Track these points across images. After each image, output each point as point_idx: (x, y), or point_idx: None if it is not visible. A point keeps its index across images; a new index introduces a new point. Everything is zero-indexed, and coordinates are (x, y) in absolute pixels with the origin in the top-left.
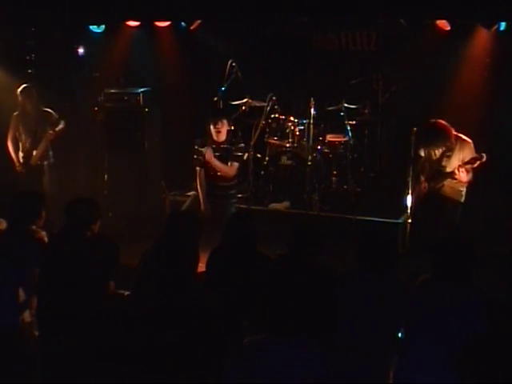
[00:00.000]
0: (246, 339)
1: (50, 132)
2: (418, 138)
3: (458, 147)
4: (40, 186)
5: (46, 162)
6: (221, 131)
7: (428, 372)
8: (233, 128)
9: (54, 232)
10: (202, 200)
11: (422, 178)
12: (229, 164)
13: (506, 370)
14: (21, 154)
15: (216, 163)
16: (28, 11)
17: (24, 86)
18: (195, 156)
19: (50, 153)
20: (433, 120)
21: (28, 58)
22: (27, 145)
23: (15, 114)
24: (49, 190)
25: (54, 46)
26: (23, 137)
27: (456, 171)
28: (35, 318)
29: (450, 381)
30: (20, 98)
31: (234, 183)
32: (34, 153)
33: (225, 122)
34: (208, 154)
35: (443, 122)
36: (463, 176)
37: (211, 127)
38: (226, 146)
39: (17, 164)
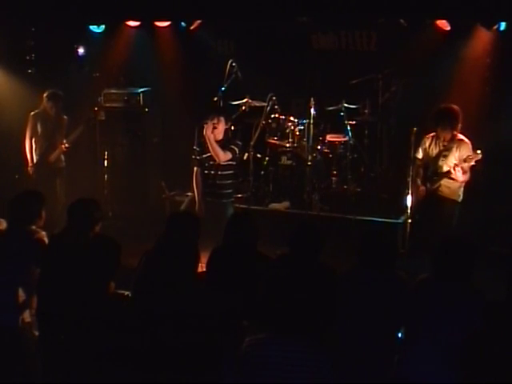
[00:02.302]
0: (247, 338)
1: (66, 145)
2: (431, 119)
3: (455, 147)
4: (53, 189)
5: (59, 166)
6: (217, 127)
7: (428, 371)
8: (233, 128)
9: (55, 232)
10: (197, 200)
11: (419, 182)
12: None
13: (506, 369)
14: (35, 156)
15: (211, 140)
16: (28, 11)
17: (53, 90)
18: (193, 156)
19: (62, 157)
20: (448, 104)
21: (28, 58)
22: (44, 147)
23: (33, 113)
24: (62, 192)
25: (54, 46)
26: (40, 139)
27: (452, 170)
28: (35, 317)
29: (450, 380)
30: (44, 101)
31: (229, 182)
32: (50, 157)
33: (222, 119)
34: (208, 127)
35: (457, 108)
36: (459, 175)
37: (208, 123)
38: (222, 143)
39: (29, 164)
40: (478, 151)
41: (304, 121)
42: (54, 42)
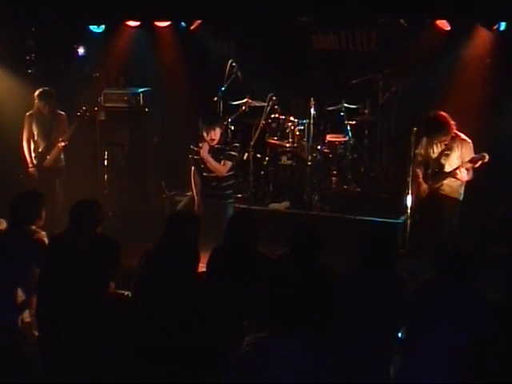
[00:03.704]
0: (247, 337)
1: (62, 144)
2: (420, 129)
3: (456, 146)
4: (52, 189)
5: (59, 166)
6: (215, 138)
7: (430, 372)
8: (233, 128)
9: (56, 232)
10: (196, 199)
11: (421, 180)
12: (222, 163)
13: (507, 369)
14: (33, 156)
15: (209, 159)
16: (28, 11)
17: (43, 89)
18: (190, 156)
19: (62, 156)
20: (433, 112)
21: (28, 58)
22: (41, 147)
23: (28, 114)
24: (61, 192)
25: (54, 45)
26: (38, 139)
27: (457, 171)
28: (35, 317)
29: (452, 381)
30: (36, 100)
31: (230, 183)
32: (48, 156)
33: (217, 129)
34: (204, 148)
35: (443, 113)
36: (464, 175)
37: (203, 143)
38: (219, 146)
39: (30, 165)
40: (485, 153)
41: (304, 121)
42: (54, 41)
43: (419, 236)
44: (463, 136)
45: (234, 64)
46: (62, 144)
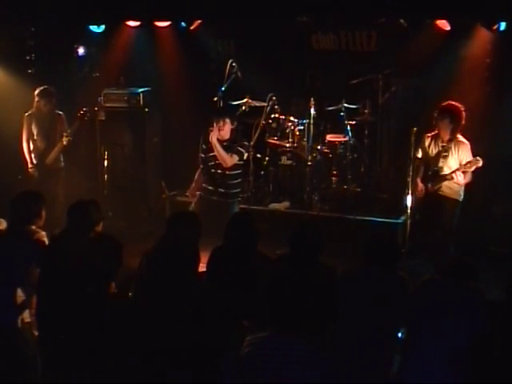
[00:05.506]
0: (248, 337)
1: (66, 139)
2: (435, 116)
3: (454, 148)
4: (52, 189)
5: (58, 166)
6: (223, 129)
7: (430, 372)
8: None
9: (55, 233)
10: (196, 195)
11: (418, 181)
12: (229, 154)
13: (506, 369)
14: (33, 156)
15: (217, 146)
16: (28, 11)
17: (44, 87)
18: (200, 154)
19: (61, 157)
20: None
21: (28, 58)
22: (42, 147)
23: (27, 114)
24: (61, 192)
25: (54, 45)
26: (38, 138)
27: (453, 175)
28: (35, 317)
29: (452, 381)
30: (37, 99)
31: (235, 182)
32: (49, 155)
33: (227, 120)
34: (213, 133)
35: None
36: (460, 179)
37: (213, 128)
38: (228, 143)
39: (29, 165)
40: (478, 158)
41: (304, 121)
42: (54, 41)
43: (419, 236)
44: (461, 138)
45: (233, 64)
46: (66, 140)
